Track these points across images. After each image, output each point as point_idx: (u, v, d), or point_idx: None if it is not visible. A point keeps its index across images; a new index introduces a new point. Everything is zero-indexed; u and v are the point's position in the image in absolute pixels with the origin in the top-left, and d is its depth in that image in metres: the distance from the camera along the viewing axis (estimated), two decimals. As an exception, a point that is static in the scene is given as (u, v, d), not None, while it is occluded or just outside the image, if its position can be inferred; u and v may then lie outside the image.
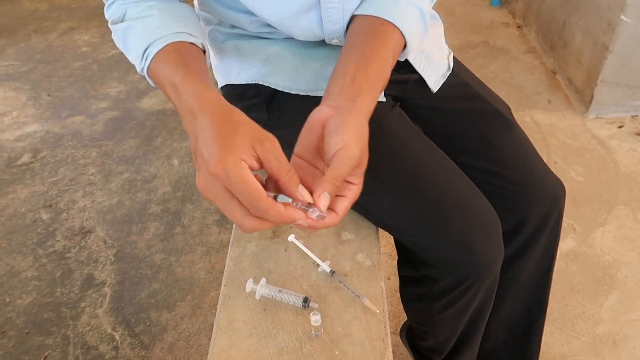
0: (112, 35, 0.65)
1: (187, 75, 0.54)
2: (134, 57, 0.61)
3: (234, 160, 0.44)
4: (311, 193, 0.50)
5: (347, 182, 0.53)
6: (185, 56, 0.58)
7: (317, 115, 0.55)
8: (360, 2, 0.65)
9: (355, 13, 0.65)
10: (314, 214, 0.49)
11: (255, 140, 0.46)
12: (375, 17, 0.62)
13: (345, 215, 0.53)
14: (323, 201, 0.49)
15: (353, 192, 0.53)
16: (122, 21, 0.63)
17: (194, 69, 0.56)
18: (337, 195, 0.52)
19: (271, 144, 0.47)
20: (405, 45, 0.64)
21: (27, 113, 2.06)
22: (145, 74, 0.61)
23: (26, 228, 1.54)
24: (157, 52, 0.58)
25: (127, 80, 2.22)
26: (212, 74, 0.84)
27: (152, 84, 0.62)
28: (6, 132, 1.95)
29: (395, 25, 0.61)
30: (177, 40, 0.58)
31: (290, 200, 0.50)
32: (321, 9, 0.68)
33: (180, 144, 1.84)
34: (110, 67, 2.32)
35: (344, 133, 0.51)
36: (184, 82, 0.53)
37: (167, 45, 0.58)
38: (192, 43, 0.60)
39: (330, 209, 0.51)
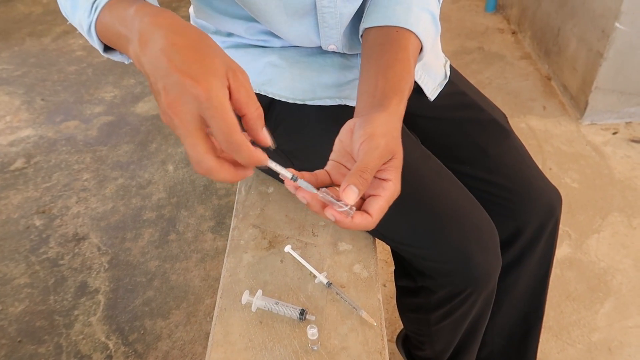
0: None
1: (146, 5, 0.48)
2: (81, 13, 0.54)
3: (218, 83, 0.41)
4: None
5: (380, 179, 0.50)
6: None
7: (347, 124, 0.54)
8: (368, 15, 0.65)
9: (367, 26, 0.65)
10: (340, 208, 0.47)
11: (229, 69, 0.43)
12: (388, 26, 0.62)
13: (381, 215, 0.50)
14: (348, 194, 0.47)
15: (388, 190, 0.50)
16: None
17: (150, 3, 0.49)
18: (370, 195, 0.50)
19: (243, 76, 0.44)
20: (421, 49, 0.64)
21: (20, 118, 2.04)
22: (92, 30, 0.53)
23: (19, 234, 1.53)
24: (109, 0, 0.51)
25: (122, 85, 2.21)
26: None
27: (98, 45, 0.55)
28: (-1, 137, 1.93)
29: (410, 31, 0.62)
30: None
31: (315, 191, 0.48)
32: (317, 13, 0.68)
33: (176, 150, 1.83)
34: (105, 72, 2.31)
35: (367, 127, 0.51)
36: (142, 7, 0.47)
37: None
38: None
39: (364, 210, 0.49)
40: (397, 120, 0.54)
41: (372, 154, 0.48)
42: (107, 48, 0.56)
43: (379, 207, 0.49)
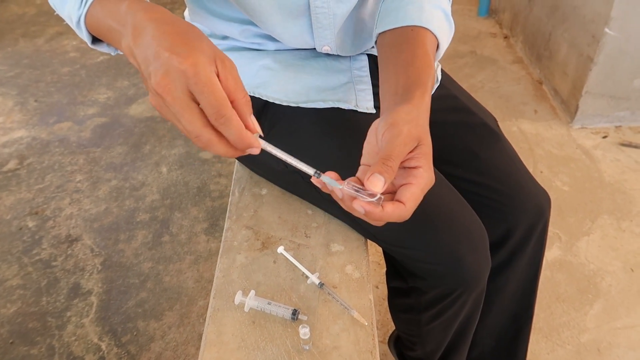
0: None
1: (137, 1, 0.48)
2: (71, 6, 0.54)
3: (204, 59, 0.42)
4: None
5: (410, 167, 0.49)
6: None
7: (372, 125, 0.53)
8: (381, 19, 0.66)
9: (381, 30, 0.65)
10: (365, 198, 0.45)
11: (217, 56, 0.44)
12: (403, 27, 0.62)
13: (416, 204, 0.48)
14: (373, 181, 0.45)
15: (419, 177, 0.48)
16: None
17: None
18: (402, 185, 0.49)
19: (230, 64, 0.45)
20: (438, 47, 0.65)
21: (13, 119, 2.04)
22: (82, 23, 0.54)
23: (11, 236, 1.52)
24: None
25: (116, 87, 2.21)
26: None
27: (86, 37, 0.56)
28: (-8, 138, 1.93)
29: (425, 28, 0.62)
30: None
31: (340, 186, 0.47)
32: (311, 14, 0.69)
33: (169, 152, 1.83)
34: (99, 73, 2.31)
35: (389, 118, 0.50)
36: (133, 3, 0.48)
37: None
38: None
39: (397, 199, 0.48)
40: (422, 111, 0.53)
41: (395, 141, 0.47)
42: (95, 40, 0.57)
43: (411, 195, 0.47)
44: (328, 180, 0.48)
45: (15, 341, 1.24)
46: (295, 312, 0.63)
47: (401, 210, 0.47)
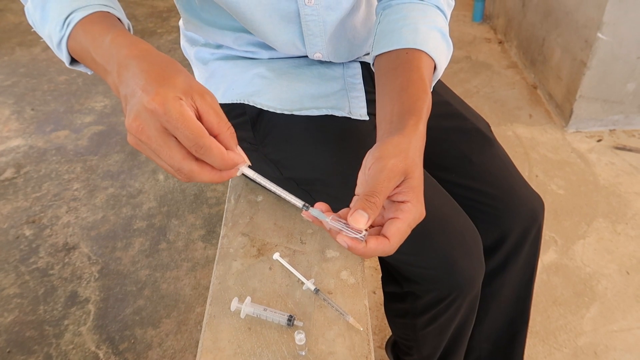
0: (27, 4, 0.58)
1: (120, 34, 0.49)
2: (52, 26, 0.54)
3: (173, 95, 0.42)
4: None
5: (397, 202, 0.49)
6: (115, 23, 0.53)
7: (367, 155, 0.52)
8: (377, 42, 0.66)
9: (377, 53, 0.65)
10: (350, 232, 0.45)
11: (194, 92, 0.43)
12: (398, 50, 0.62)
13: (401, 240, 0.47)
14: (356, 218, 0.45)
15: (407, 211, 0.47)
16: None
17: (125, 31, 0.51)
18: (389, 219, 0.48)
19: (211, 97, 0.44)
20: (435, 67, 0.64)
21: (10, 127, 2.04)
22: (63, 45, 0.54)
23: (8, 244, 1.52)
24: (83, 17, 0.52)
25: (112, 95, 2.22)
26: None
27: (65, 59, 0.56)
28: (-11, 147, 1.93)
29: (420, 50, 0.61)
30: (104, 10, 0.53)
31: (327, 218, 0.47)
32: (301, 21, 0.70)
33: (166, 159, 1.83)
34: (95, 82, 2.31)
35: (376, 151, 0.49)
36: (117, 38, 0.48)
37: (93, 13, 0.53)
38: (119, 19, 0.55)
39: (382, 234, 0.47)
40: (413, 141, 0.51)
41: (379, 176, 0.47)
42: (73, 59, 0.57)
43: (396, 230, 0.47)
44: (316, 213, 0.48)
45: (12, 350, 1.24)
46: (291, 318, 0.64)
47: (385, 245, 0.46)
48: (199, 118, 0.43)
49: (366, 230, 0.46)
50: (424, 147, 0.54)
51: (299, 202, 0.49)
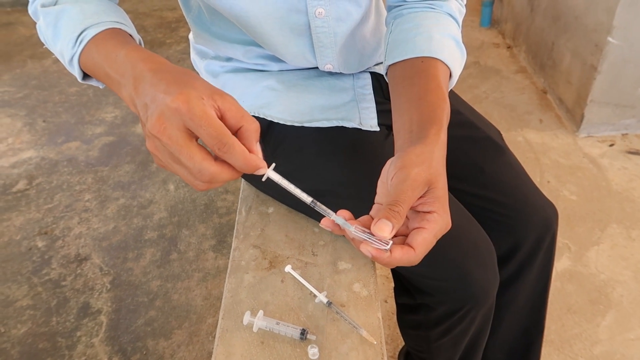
0: (39, 21, 0.60)
1: (134, 49, 0.50)
2: (64, 43, 0.55)
3: (196, 94, 0.42)
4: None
5: (423, 212, 0.48)
6: (127, 39, 0.54)
7: (386, 164, 0.52)
8: (390, 52, 0.65)
9: (391, 62, 0.64)
10: (375, 242, 0.45)
11: (215, 94, 0.44)
12: (412, 59, 0.61)
13: (427, 250, 0.47)
14: (380, 227, 0.45)
15: (433, 222, 0.47)
16: (55, 4, 0.58)
17: (138, 46, 0.52)
18: (415, 228, 0.48)
19: (231, 97, 0.45)
20: (451, 75, 0.64)
21: (22, 139, 2.06)
22: (75, 61, 0.55)
23: (21, 256, 1.53)
24: (95, 34, 0.53)
25: (123, 105, 2.23)
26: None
27: (78, 74, 0.57)
28: (1, 159, 1.95)
29: (436, 58, 0.61)
30: (116, 27, 0.55)
31: (351, 227, 0.46)
32: (312, 33, 0.70)
33: (176, 169, 1.84)
34: (106, 93, 2.33)
35: (399, 160, 0.49)
36: (132, 52, 0.49)
37: (106, 29, 0.54)
38: (131, 36, 0.57)
39: (407, 244, 0.47)
40: (436, 150, 0.51)
41: (401, 186, 0.46)
42: (85, 74, 0.58)
43: (423, 240, 0.46)
44: (340, 222, 0.47)
45: (25, 362, 1.25)
46: (303, 332, 0.63)
47: (410, 255, 0.46)
48: (221, 118, 0.44)
49: (391, 240, 0.46)
50: (445, 156, 0.53)
51: (325, 210, 0.49)
